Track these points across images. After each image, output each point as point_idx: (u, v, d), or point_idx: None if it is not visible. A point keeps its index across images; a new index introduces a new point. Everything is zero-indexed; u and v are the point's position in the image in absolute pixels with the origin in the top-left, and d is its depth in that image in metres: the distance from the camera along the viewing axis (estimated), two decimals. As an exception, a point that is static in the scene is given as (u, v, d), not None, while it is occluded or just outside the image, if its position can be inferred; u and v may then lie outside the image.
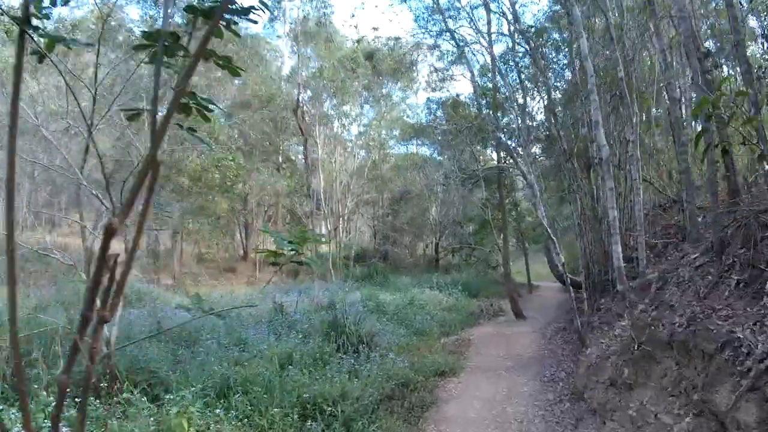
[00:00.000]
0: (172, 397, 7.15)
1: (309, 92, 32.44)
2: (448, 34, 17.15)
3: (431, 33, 20.37)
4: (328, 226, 31.66)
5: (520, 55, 17.20)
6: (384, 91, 32.43)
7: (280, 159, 34.76)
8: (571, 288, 12.06)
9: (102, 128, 16.12)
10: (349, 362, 10.51)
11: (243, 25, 2.03)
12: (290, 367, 9.62)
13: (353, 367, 10.23)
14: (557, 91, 16.69)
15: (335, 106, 31.31)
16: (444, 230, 32.66)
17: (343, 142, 33.32)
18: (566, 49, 15.68)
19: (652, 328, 7.11)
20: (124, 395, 7.18)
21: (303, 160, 33.47)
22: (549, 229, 14.35)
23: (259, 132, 33.26)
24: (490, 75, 18.20)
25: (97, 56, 6.66)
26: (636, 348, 7.19)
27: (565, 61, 16.42)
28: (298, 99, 27.64)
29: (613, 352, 8.09)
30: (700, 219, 10.83)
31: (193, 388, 7.60)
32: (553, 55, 17.57)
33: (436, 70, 25.23)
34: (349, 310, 14.33)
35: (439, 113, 27.07)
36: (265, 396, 8.08)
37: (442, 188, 31.49)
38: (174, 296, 19.96)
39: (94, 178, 16.85)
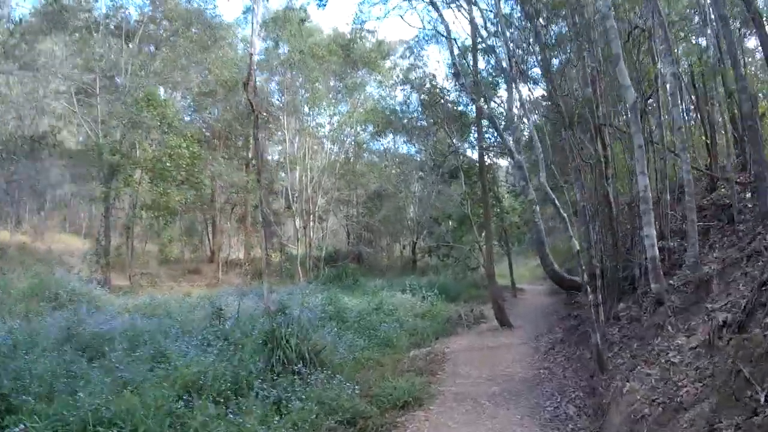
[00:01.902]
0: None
1: (276, 81, 29.04)
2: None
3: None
4: (296, 225, 28.27)
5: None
6: (357, 80, 28.93)
7: (249, 155, 31.32)
8: (588, 289, 8.53)
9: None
10: (282, 387, 7.40)
11: None
12: (198, 394, 6.66)
13: (284, 396, 7.17)
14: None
15: (306, 98, 27.72)
16: (422, 230, 29.28)
17: (314, 134, 29.71)
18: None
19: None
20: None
21: (259, 149, 29.85)
22: (540, 219, 10.99)
23: (224, 124, 29.95)
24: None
25: None
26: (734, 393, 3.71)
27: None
28: (249, 71, 23.79)
29: (677, 396, 4.58)
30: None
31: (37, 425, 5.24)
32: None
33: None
34: (301, 317, 11.00)
35: (413, 97, 23.56)
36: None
37: (420, 183, 28.12)
38: (117, 299, 17.16)
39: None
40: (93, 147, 23.10)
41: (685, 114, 8.99)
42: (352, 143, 31.01)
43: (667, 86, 7.34)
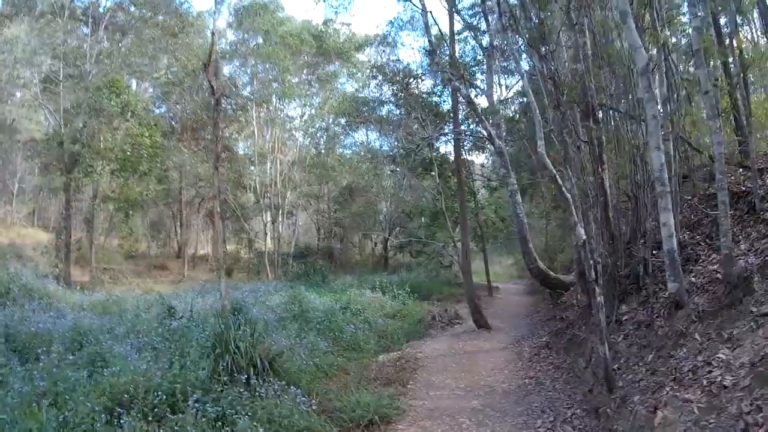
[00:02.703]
0: None
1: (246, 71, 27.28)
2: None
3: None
4: (264, 219, 26.67)
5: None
6: (330, 70, 27.33)
7: (219, 148, 29.38)
8: (594, 289, 7.14)
9: None
10: (228, 401, 6.16)
11: None
12: (128, 408, 5.55)
13: (228, 411, 5.95)
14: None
15: (276, 88, 25.98)
16: (394, 227, 27.87)
17: (284, 126, 28.00)
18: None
19: None
20: None
21: (218, 133, 28.13)
22: (522, 211, 9.65)
23: (193, 115, 28.15)
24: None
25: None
26: None
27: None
28: (210, 50, 21.55)
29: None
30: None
31: None
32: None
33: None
34: (257, 318, 9.96)
35: (386, 87, 22.04)
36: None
37: (392, 177, 26.67)
38: (73, 295, 15.73)
39: None
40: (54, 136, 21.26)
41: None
42: (324, 136, 29.41)
43: (691, 41, 5.93)
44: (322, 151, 28.99)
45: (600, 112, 8.48)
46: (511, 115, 19.02)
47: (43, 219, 31.08)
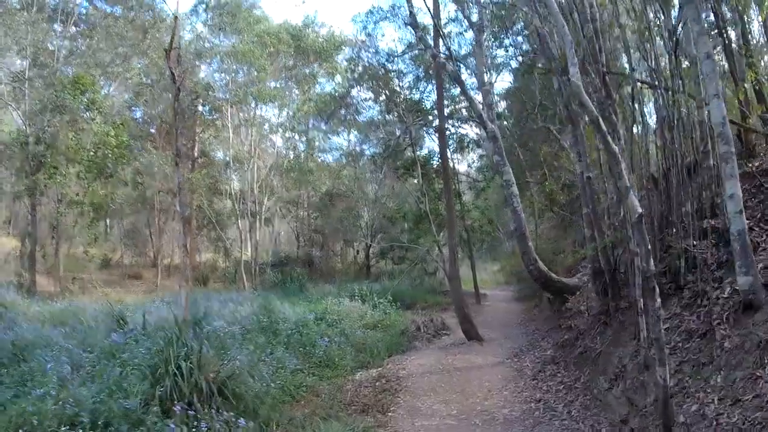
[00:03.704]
0: None
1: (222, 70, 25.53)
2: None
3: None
4: (240, 227, 24.86)
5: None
6: (307, 71, 25.69)
7: (196, 153, 27.74)
8: (652, 291, 5.46)
9: None
10: None
11: None
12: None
13: None
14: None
15: (252, 90, 24.23)
16: (376, 233, 26.14)
17: (261, 130, 26.24)
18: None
19: None
20: None
21: (177, 127, 26.41)
22: (519, 204, 8.06)
23: (167, 119, 26.33)
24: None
25: None
26: None
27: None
28: (172, 35, 19.33)
29: None
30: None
31: None
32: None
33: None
34: (221, 330, 8.85)
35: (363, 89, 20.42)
36: None
37: (373, 181, 25.06)
38: (34, 305, 13.85)
39: None
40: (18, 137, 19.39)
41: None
42: (303, 140, 27.72)
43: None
44: (301, 154, 27.24)
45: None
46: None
47: (20, 227, 29.12)
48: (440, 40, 9.52)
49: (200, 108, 26.14)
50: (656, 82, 6.06)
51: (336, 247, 30.34)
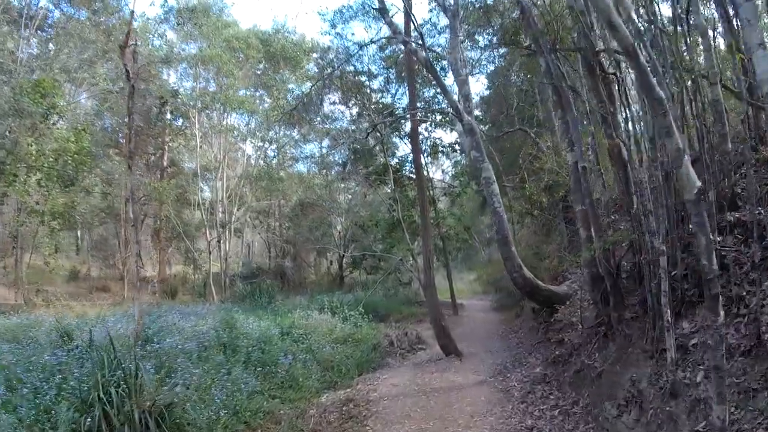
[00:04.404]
0: None
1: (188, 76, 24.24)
2: None
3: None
4: (208, 237, 23.48)
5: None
6: (277, 78, 24.52)
7: (165, 162, 26.34)
8: (715, 299, 4.37)
9: None
10: None
11: None
12: None
13: None
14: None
15: (219, 97, 22.93)
16: (350, 243, 24.98)
17: (230, 139, 24.95)
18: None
19: None
20: None
21: (131, 124, 25.02)
22: (500, 205, 7.04)
23: (135, 129, 24.87)
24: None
25: None
26: None
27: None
28: (128, 31, 17.48)
29: None
30: None
31: None
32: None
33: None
34: (175, 346, 7.77)
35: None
36: None
37: (345, 190, 23.95)
38: None
39: None
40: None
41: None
42: (274, 148, 26.47)
43: None
44: (272, 162, 26.00)
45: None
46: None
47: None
48: (411, 25, 8.53)
49: (168, 115, 24.89)
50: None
51: (309, 257, 29.14)
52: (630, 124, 5.39)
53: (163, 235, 26.58)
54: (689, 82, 4.81)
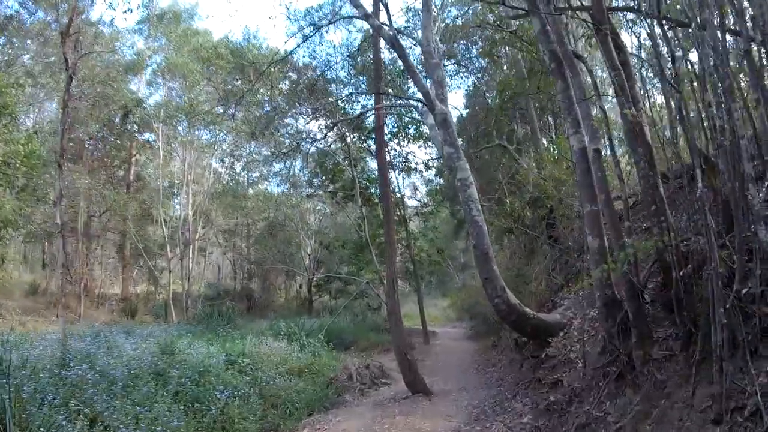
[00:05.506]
0: None
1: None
2: None
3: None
4: (169, 256, 21.57)
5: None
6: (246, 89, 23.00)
7: (131, 177, 24.54)
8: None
9: None
10: None
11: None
12: None
13: None
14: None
15: (183, 108, 21.32)
16: (319, 266, 23.25)
17: (192, 148, 23.20)
18: None
19: None
20: None
21: (66, 120, 23.27)
22: (479, 213, 5.57)
23: (101, 141, 23.25)
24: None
25: None
26: None
27: None
28: (70, 18, 15.10)
29: None
30: None
31: None
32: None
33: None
34: (94, 373, 6.31)
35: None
36: None
37: (314, 211, 22.37)
38: None
39: None
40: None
41: None
42: (242, 164, 24.81)
43: None
44: (238, 178, 24.32)
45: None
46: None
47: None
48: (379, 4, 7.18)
49: (134, 126, 23.23)
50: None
51: (278, 280, 27.25)
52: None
53: (127, 252, 24.74)
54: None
